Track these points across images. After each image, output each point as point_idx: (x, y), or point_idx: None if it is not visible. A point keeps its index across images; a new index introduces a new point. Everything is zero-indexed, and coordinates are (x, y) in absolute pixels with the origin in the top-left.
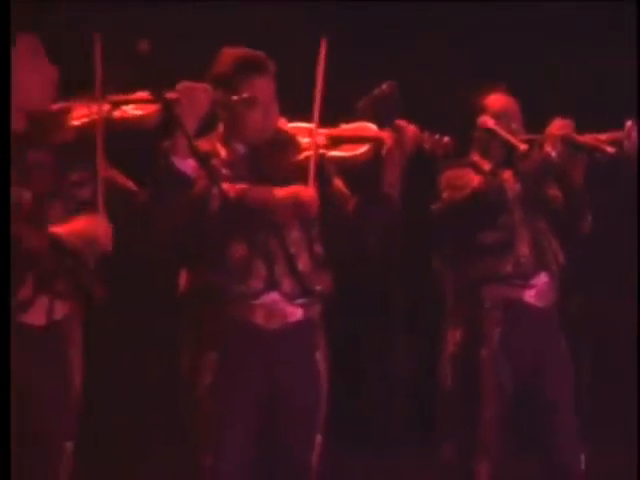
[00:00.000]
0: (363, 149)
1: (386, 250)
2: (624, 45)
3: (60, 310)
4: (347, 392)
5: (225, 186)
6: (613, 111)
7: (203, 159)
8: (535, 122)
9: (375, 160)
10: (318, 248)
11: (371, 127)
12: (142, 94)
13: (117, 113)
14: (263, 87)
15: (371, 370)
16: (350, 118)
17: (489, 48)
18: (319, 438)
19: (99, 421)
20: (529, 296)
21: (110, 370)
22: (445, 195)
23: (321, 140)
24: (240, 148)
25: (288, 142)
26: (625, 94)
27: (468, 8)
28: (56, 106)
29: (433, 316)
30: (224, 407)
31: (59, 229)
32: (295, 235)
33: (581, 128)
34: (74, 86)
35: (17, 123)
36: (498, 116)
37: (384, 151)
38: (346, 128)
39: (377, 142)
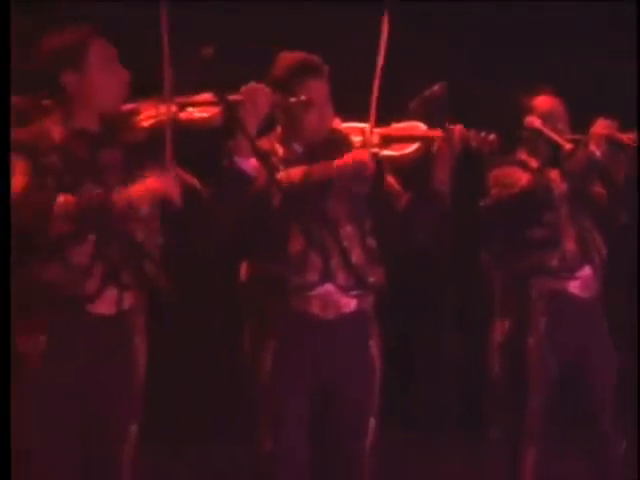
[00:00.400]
0: (414, 147)
1: (437, 247)
2: (624, 45)
3: (127, 300)
4: (398, 388)
5: (285, 173)
6: (613, 111)
7: (264, 158)
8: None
9: (425, 158)
10: (371, 242)
11: (421, 126)
12: (206, 96)
13: (183, 114)
14: (318, 89)
15: (421, 367)
16: (401, 118)
17: (488, 47)
18: (372, 424)
19: (162, 406)
20: (574, 287)
21: (173, 359)
22: (493, 192)
23: (374, 139)
24: (297, 147)
25: (342, 141)
26: (625, 94)
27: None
28: (127, 107)
29: (482, 314)
30: (283, 393)
31: (130, 191)
32: (349, 230)
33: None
34: (140, 88)
35: (91, 124)
36: (545, 116)
37: (434, 149)
38: (397, 127)
39: (427, 141)
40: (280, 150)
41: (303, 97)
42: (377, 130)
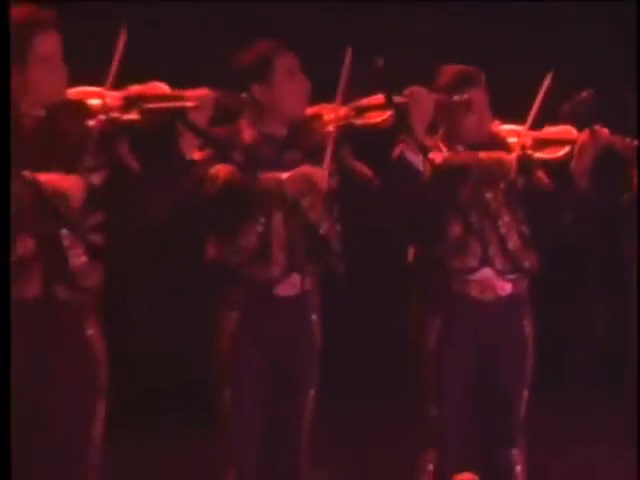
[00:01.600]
0: (565, 151)
1: (583, 236)
2: (624, 45)
3: (307, 283)
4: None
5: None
6: (613, 111)
7: (427, 155)
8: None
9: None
10: (525, 229)
11: (572, 130)
12: (377, 98)
13: (359, 118)
14: (478, 96)
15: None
16: (552, 121)
17: (489, 47)
18: (526, 394)
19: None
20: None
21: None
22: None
23: (528, 141)
24: (459, 148)
25: (497, 143)
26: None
27: None
28: (309, 112)
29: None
30: (447, 367)
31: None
32: (506, 219)
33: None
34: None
35: (278, 129)
36: None
37: (577, 145)
38: (551, 131)
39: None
40: (444, 149)
41: (465, 95)
42: (532, 133)
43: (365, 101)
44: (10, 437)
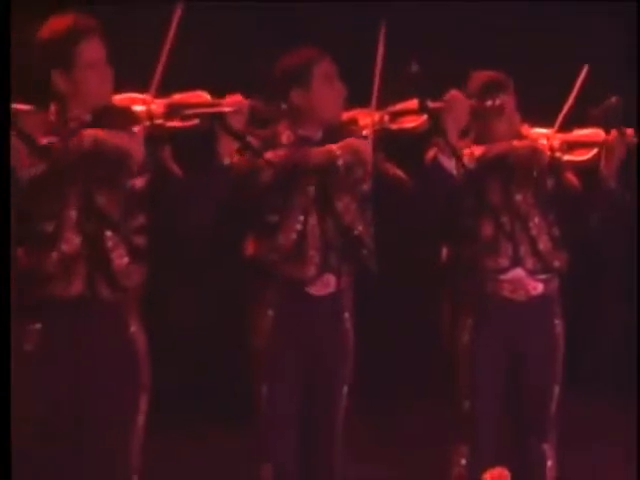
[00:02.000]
0: (592, 153)
1: (614, 233)
2: (624, 45)
3: (342, 283)
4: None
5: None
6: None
7: (460, 159)
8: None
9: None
10: (555, 230)
11: (601, 133)
12: (412, 103)
13: (393, 123)
14: (508, 102)
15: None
16: (581, 124)
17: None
18: (557, 390)
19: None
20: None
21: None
22: None
23: (557, 143)
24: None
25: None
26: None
27: None
28: (345, 116)
29: None
30: (479, 364)
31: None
32: (537, 220)
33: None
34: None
35: (314, 132)
36: None
37: (604, 147)
38: (580, 134)
39: (605, 147)
40: (477, 152)
41: (498, 101)
42: (560, 135)
43: (400, 106)
44: (10, 437)
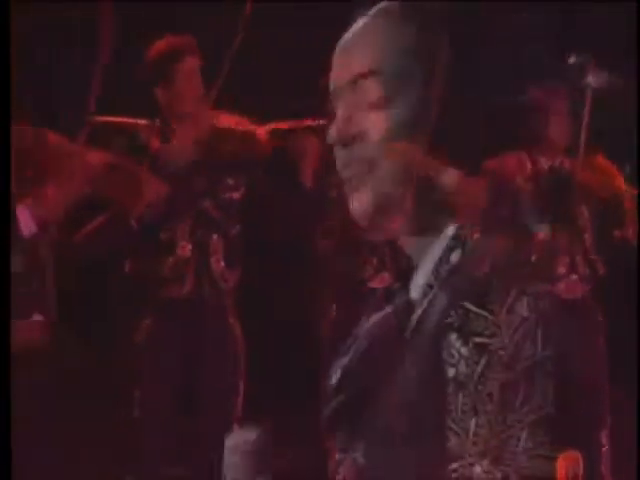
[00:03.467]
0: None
1: None
2: (624, 44)
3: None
4: None
5: None
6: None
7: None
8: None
9: None
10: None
11: None
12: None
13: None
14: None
15: None
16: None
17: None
18: (606, 385)
19: None
20: None
21: None
22: None
23: None
24: (543, 161)
25: None
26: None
27: None
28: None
29: None
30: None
31: None
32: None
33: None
34: None
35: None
36: None
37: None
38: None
39: None
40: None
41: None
42: None
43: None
44: (10, 436)
